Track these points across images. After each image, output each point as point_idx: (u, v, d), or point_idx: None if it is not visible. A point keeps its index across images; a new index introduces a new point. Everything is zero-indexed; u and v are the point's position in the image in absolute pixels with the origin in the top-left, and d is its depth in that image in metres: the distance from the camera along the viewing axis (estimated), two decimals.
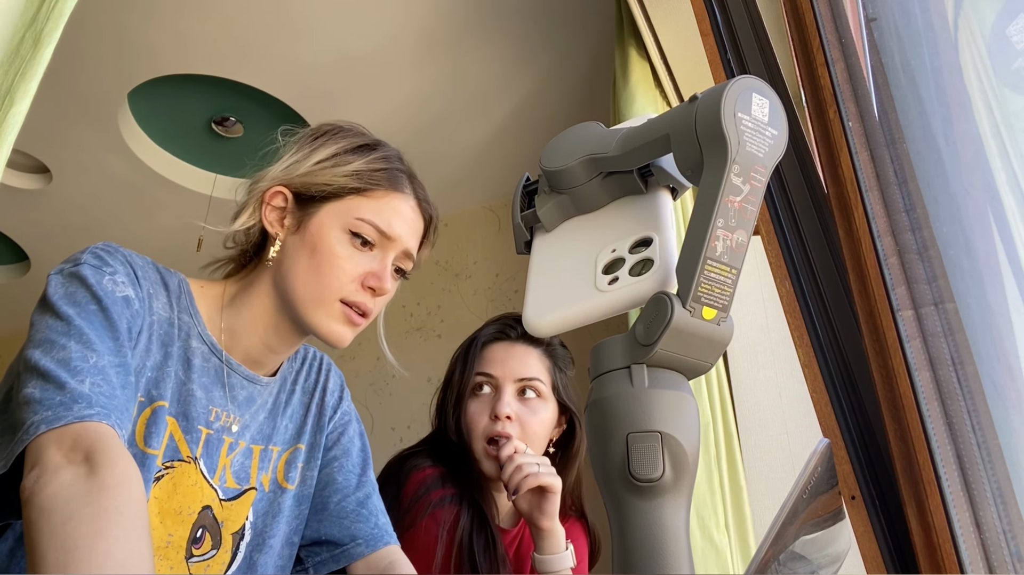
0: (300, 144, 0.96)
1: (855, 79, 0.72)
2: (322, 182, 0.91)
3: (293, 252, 0.90)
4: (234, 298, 0.94)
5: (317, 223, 0.90)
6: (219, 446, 0.90)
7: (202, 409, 0.88)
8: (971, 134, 0.71)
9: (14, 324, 3.90)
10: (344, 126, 0.99)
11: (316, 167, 0.92)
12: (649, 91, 1.86)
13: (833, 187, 0.71)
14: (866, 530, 0.61)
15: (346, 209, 0.90)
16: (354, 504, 0.99)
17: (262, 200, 0.93)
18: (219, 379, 0.91)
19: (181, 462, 0.86)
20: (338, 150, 0.93)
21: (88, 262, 0.80)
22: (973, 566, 0.51)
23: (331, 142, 0.95)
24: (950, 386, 0.57)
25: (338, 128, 0.98)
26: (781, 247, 0.77)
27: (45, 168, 2.73)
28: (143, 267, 0.87)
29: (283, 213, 0.92)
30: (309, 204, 0.91)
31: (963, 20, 0.81)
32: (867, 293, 0.65)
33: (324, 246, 0.89)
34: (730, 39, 0.91)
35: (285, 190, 0.92)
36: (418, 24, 2.10)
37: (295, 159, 0.94)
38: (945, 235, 0.63)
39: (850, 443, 0.65)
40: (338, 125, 0.99)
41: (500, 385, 1.24)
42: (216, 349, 0.91)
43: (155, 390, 0.84)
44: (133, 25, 2.10)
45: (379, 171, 0.93)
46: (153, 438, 0.82)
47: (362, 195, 0.91)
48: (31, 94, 0.77)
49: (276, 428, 0.97)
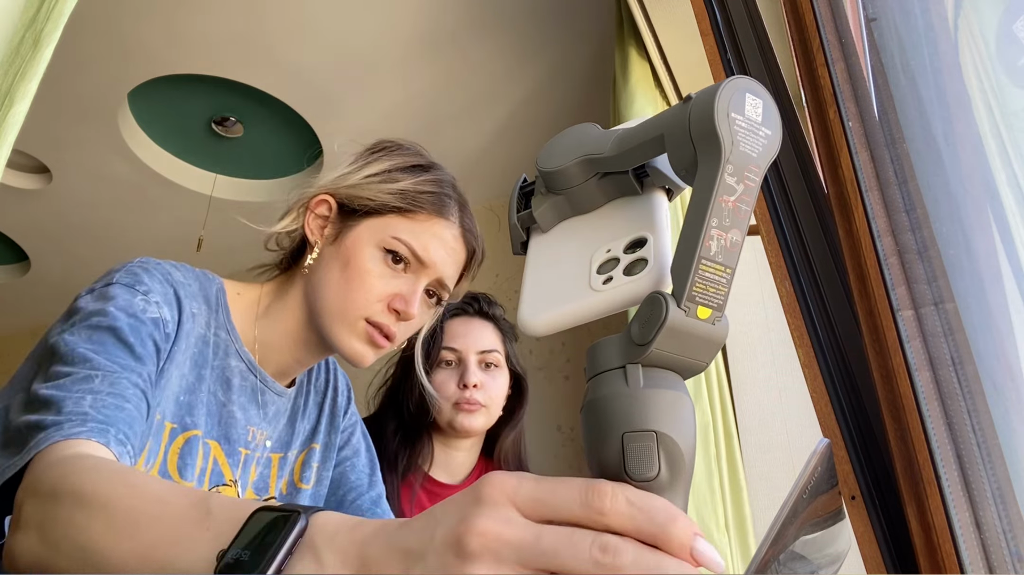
0: (357, 156, 0.95)
1: (855, 79, 0.72)
2: (367, 196, 0.89)
3: (327, 263, 0.89)
4: (268, 308, 0.93)
5: (354, 237, 0.88)
6: (250, 463, 0.89)
7: (242, 430, 0.87)
8: (971, 134, 0.71)
9: (14, 324, 3.90)
10: (405, 145, 0.97)
11: (365, 180, 0.90)
12: (649, 91, 1.87)
13: (833, 187, 0.71)
14: (866, 530, 0.61)
15: (384, 226, 0.88)
16: (368, 503, 0.99)
17: (307, 206, 0.91)
18: (255, 397, 0.90)
19: (225, 486, 0.85)
20: (391, 167, 0.92)
21: (121, 281, 0.77)
22: (973, 566, 0.51)
23: (386, 158, 0.93)
24: (950, 386, 0.57)
25: (397, 145, 0.97)
26: (781, 247, 0.77)
27: (45, 168, 2.73)
28: (184, 283, 0.84)
29: (325, 222, 0.91)
30: (351, 217, 0.90)
31: (963, 20, 0.81)
32: (867, 293, 0.65)
33: (357, 261, 0.87)
34: (730, 39, 0.91)
35: (331, 199, 0.91)
36: (418, 24, 2.10)
37: (347, 170, 0.92)
38: (945, 235, 0.63)
39: (850, 443, 0.65)
40: (397, 142, 0.97)
41: (464, 358, 1.37)
42: (253, 367, 0.90)
43: (188, 417, 0.81)
44: (133, 25, 2.10)
45: (426, 193, 0.90)
46: (188, 469, 0.80)
47: (404, 215, 0.89)
48: (31, 94, 0.77)
49: (295, 434, 0.97)
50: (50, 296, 3.57)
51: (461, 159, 2.70)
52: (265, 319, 0.92)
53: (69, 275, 3.37)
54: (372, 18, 2.08)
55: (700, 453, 1.55)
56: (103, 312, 0.73)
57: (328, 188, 0.91)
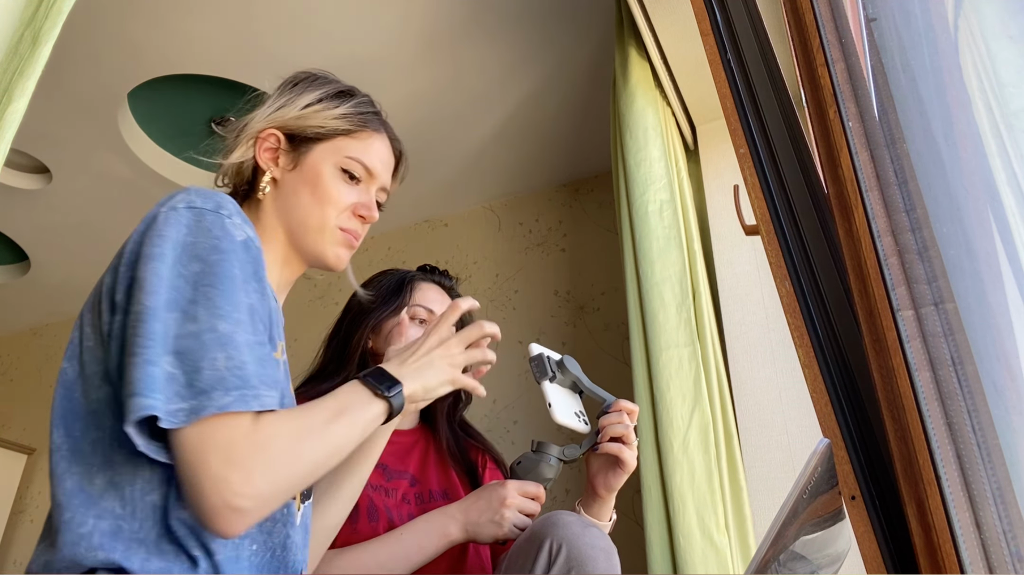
0: (281, 91, 1.08)
1: (855, 79, 0.72)
2: (315, 124, 1.03)
3: (295, 187, 1.01)
4: None
5: (312, 160, 1.02)
6: None
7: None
8: (971, 134, 0.71)
9: (14, 324, 3.90)
10: (317, 73, 1.12)
11: (306, 111, 1.04)
12: (649, 91, 1.87)
13: (833, 187, 0.71)
14: (866, 530, 0.61)
15: (336, 149, 1.03)
16: None
17: (256, 139, 1.03)
18: (279, 324, 0.96)
19: None
20: (322, 95, 1.06)
21: (198, 205, 0.82)
22: (973, 566, 0.51)
23: (312, 88, 1.07)
24: (950, 386, 0.57)
25: (313, 76, 1.11)
26: (781, 247, 0.77)
27: (45, 168, 2.73)
28: None
29: (276, 152, 1.03)
30: (303, 144, 1.03)
31: (963, 20, 0.81)
32: (867, 293, 0.65)
33: (322, 182, 1.01)
34: (730, 39, 0.91)
35: (277, 132, 1.03)
36: (418, 24, 2.10)
37: (281, 103, 1.05)
38: (945, 235, 0.63)
39: (850, 443, 0.65)
40: (311, 73, 1.12)
41: None
42: (273, 293, 0.95)
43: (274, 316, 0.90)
44: (133, 25, 2.10)
45: (362, 114, 1.07)
46: None
47: (350, 136, 1.04)
48: (29, 92, 0.77)
49: None
50: (50, 296, 3.57)
51: (461, 159, 2.70)
52: None
53: (69, 275, 3.37)
54: (372, 19, 2.08)
55: (700, 453, 1.55)
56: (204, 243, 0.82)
57: (274, 121, 1.04)
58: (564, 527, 1.06)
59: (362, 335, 1.39)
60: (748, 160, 0.81)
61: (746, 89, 0.86)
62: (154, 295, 0.73)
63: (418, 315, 1.42)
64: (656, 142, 1.80)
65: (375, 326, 1.40)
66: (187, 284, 0.75)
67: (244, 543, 0.79)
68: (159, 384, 0.70)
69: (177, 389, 0.70)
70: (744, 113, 0.84)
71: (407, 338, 1.37)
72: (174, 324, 0.73)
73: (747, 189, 0.80)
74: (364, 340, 1.39)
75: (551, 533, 1.05)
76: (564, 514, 1.10)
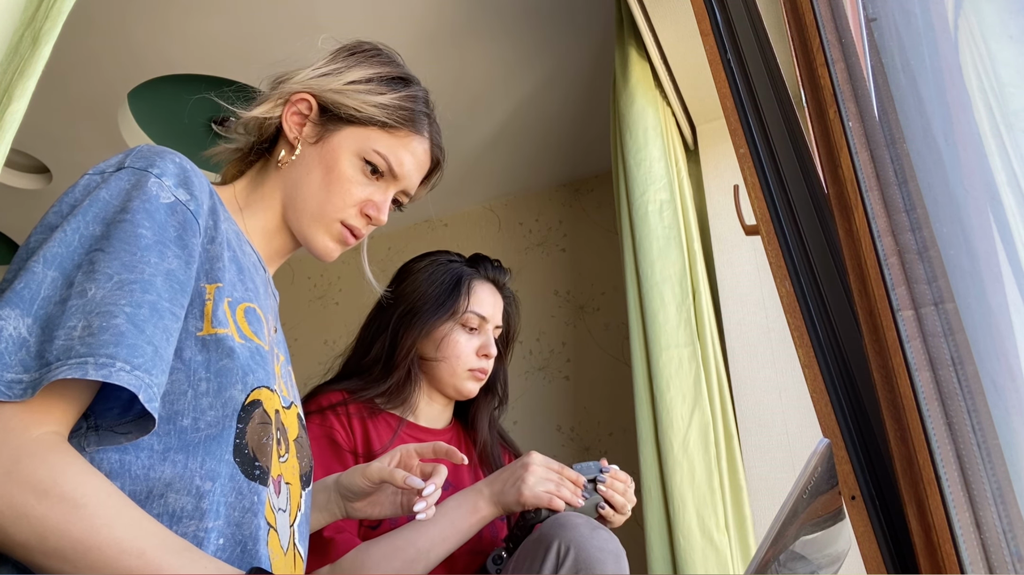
0: (335, 56, 0.98)
1: (855, 79, 0.72)
2: (352, 106, 0.93)
3: (308, 163, 0.93)
4: (247, 203, 0.94)
5: (336, 142, 0.93)
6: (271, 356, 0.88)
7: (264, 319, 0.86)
8: (971, 134, 0.71)
9: None
10: (383, 50, 1.02)
11: (349, 87, 0.94)
12: (649, 91, 1.86)
13: (833, 187, 0.71)
14: (866, 530, 0.61)
15: (365, 138, 0.94)
16: None
17: (288, 100, 0.95)
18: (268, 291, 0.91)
19: None
20: (373, 75, 0.97)
21: (126, 164, 0.75)
22: (973, 566, 0.51)
23: (367, 64, 0.98)
24: (950, 386, 0.57)
25: (376, 50, 1.01)
26: (781, 247, 0.77)
27: (45, 168, 2.73)
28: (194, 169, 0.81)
29: (304, 120, 0.94)
30: (333, 121, 0.94)
31: (963, 20, 0.81)
32: (867, 293, 0.65)
33: (339, 167, 0.92)
34: (730, 39, 0.91)
35: (312, 99, 0.94)
36: (418, 24, 2.10)
37: (328, 70, 0.96)
38: (945, 235, 0.63)
39: (850, 443, 0.65)
40: (375, 46, 1.02)
41: (487, 327, 1.41)
42: (261, 259, 0.91)
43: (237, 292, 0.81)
44: (133, 25, 2.10)
45: (406, 110, 0.96)
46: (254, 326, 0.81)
47: (384, 129, 0.95)
48: (29, 92, 0.77)
49: (279, 341, 0.96)
50: None
51: (461, 159, 2.69)
52: (247, 213, 0.93)
53: None
54: (372, 19, 2.08)
55: (700, 453, 1.55)
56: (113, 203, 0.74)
57: (312, 88, 0.94)
58: (572, 529, 1.05)
59: (414, 340, 1.34)
60: (748, 160, 0.81)
61: (746, 89, 0.86)
62: (39, 251, 0.66)
63: (470, 323, 1.39)
64: (656, 142, 1.80)
65: (427, 331, 1.35)
66: (81, 245, 0.67)
67: (210, 537, 0.69)
68: None
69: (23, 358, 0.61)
70: (744, 113, 0.84)
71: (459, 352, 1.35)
72: (48, 285, 0.64)
73: (747, 189, 0.80)
74: (416, 344, 1.35)
75: (559, 535, 1.05)
76: (572, 516, 1.10)
